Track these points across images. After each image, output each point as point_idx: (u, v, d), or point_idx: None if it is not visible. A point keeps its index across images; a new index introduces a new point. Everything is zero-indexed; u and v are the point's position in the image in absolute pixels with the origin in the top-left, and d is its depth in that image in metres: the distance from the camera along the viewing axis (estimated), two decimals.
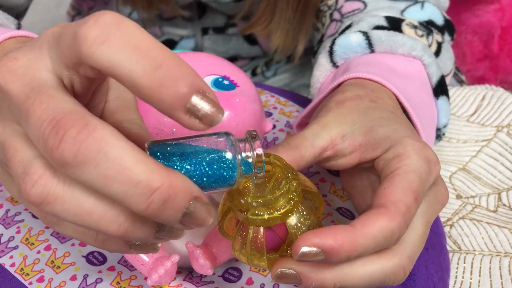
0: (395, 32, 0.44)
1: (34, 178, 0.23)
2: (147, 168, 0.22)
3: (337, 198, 0.42)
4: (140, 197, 0.22)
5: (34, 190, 0.23)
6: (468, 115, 0.55)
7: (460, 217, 0.46)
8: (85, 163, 0.21)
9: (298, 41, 0.61)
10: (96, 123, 0.22)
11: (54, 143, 0.22)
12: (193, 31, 0.69)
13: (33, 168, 0.23)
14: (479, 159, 0.51)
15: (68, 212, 0.23)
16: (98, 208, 0.23)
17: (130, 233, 0.24)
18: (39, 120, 0.22)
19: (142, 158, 0.22)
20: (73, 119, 0.22)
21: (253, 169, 0.27)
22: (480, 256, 0.43)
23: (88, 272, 0.37)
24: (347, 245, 0.27)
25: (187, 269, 0.37)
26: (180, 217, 0.23)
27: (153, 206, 0.22)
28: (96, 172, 0.22)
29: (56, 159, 0.22)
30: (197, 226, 0.24)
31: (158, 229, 0.25)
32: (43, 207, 0.23)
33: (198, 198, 0.23)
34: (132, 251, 0.26)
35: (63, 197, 0.23)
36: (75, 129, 0.22)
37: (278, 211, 0.28)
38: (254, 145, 0.27)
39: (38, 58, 0.24)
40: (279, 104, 0.51)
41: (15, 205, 0.42)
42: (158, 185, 0.22)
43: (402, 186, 0.30)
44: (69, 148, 0.21)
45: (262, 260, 0.29)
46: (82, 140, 0.21)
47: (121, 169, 0.22)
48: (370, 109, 0.36)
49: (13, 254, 0.38)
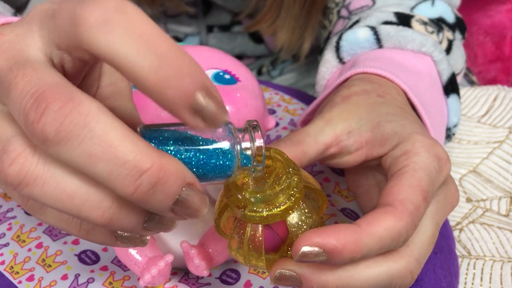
0: (404, 28, 0.43)
1: (12, 156, 0.21)
2: (136, 148, 0.20)
3: (341, 199, 0.40)
4: (127, 178, 0.20)
5: (11, 169, 0.21)
6: (479, 116, 0.54)
7: (470, 221, 0.45)
8: (68, 140, 0.20)
9: (304, 39, 0.60)
10: (82, 97, 0.20)
11: (35, 117, 0.20)
12: (198, 28, 0.68)
13: (12, 145, 0.21)
14: (490, 161, 0.50)
15: (48, 195, 0.21)
16: (80, 191, 0.21)
17: (116, 221, 0.22)
18: (21, 93, 0.20)
19: (131, 137, 0.20)
20: (57, 92, 0.20)
21: (252, 161, 0.25)
22: (490, 262, 0.41)
23: (80, 271, 0.35)
24: (350, 245, 0.25)
25: (183, 270, 0.35)
26: (171, 205, 0.21)
27: (141, 189, 0.20)
28: (80, 149, 0.20)
29: (36, 134, 0.20)
30: (189, 216, 0.22)
31: (147, 218, 0.23)
32: (21, 189, 0.21)
33: (191, 185, 0.22)
34: (118, 244, 0.24)
35: (42, 178, 0.21)
36: (58, 102, 0.20)
37: (277, 207, 0.26)
38: (254, 136, 0.25)
39: (25, 34, 0.23)
40: (283, 101, 0.50)
41: (7, 201, 0.41)
42: (148, 166, 0.20)
43: (411, 184, 0.28)
44: (51, 122, 0.20)
45: (260, 261, 0.28)
46: (65, 114, 0.20)
47: (107, 146, 0.20)
48: (377, 104, 0.35)
49: (3, 252, 0.37)
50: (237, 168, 0.25)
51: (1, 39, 0.23)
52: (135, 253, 0.32)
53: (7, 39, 0.23)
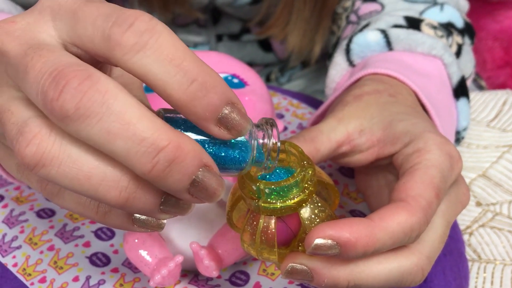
0: (414, 31, 0.43)
1: (28, 138, 0.21)
2: (153, 126, 0.21)
3: (350, 201, 0.40)
4: (145, 156, 0.20)
5: (28, 150, 0.21)
6: (489, 120, 0.54)
7: (480, 225, 0.45)
8: (87, 117, 0.20)
9: (315, 42, 0.60)
10: (99, 75, 0.21)
11: (54, 94, 0.20)
12: (207, 37, 0.68)
13: (28, 126, 0.22)
14: (500, 165, 0.49)
15: (65, 176, 0.21)
16: (97, 171, 0.22)
17: (132, 202, 0.22)
18: (38, 73, 0.21)
19: (149, 115, 0.21)
20: (75, 69, 0.21)
21: (266, 157, 0.25)
22: (501, 266, 0.41)
23: (91, 273, 0.36)
24: (364, 239, 0.26)
25: (192, 272, 0.36)
26: (188, 185, 0.22)
27: (158, 167, 0.21)
28: (99, 126, 0.20)
29: (56, 111, 0.20)
30: (206, 199, 0.22)
31: (163, 200, 0.23)
32: (38, 170, 0.21)
33: (208, 166, 0.22)
34: (135, 228, 0.24)
35: (59, 158, 0.21)
36: (77, 79, 0.20)
37: (291, 199, 0.27)
38: (271, 134, 0.25)
39: (37, 21, 0.23)
40: (292, 106, 0.50)
41: (20, 204, 0.41)
42: (165, 144, 0.21)
43: (423, 181, 0.28)
44: (70, 99, 0.20)
45: (273, 254, 0.28)
46: (84, 91, 0.20)
47: (125, 124, 0.20)
48: (389, 104, 0.35)
49: (16, 254, 0.38)
50: (250, 162, 0.25)
51: (13, 27, 0.23)
52: (145, 254, 0.33)
53: (19, 26, 0.23)
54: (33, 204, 0.41)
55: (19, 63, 0.22)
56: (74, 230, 0.39)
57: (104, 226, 0.39)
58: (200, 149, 0.22)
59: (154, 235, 0.34)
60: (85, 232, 0.39)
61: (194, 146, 0.21)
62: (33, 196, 0.42)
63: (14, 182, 0.36)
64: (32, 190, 0.42)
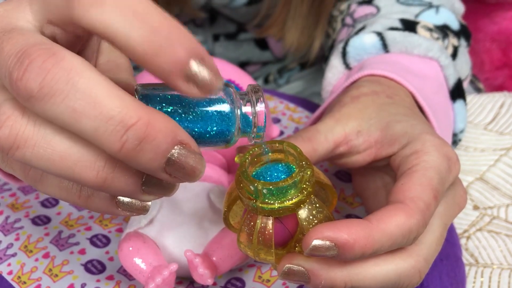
0: (410, 33, 0.43)
1: (1, 120, 0.21)
2: (121, 103, 0.20)
3: (346, 205, 0.40)
4: (113, 134, 0.20)
5: (1, 132, 0.21)
6: (486, 123, 0.53)
7: (478, 228, 0.44)
8: (52, 95, 0.20)
9: (314, 37, 0.59)
10: (65, 53, 0.20)
11: (18, 74, 0.20)
12: (204, 37, 0.68)
13: (1, 109, 0.21)
14: (497, 169, 0.49)
15: (40, 157, 0.21)
16: (72, 151, 0.21)
17: (111, 183, 0.22)
18: (6, 55, 0.21)
19: (116, 92, 0.20)
20: (40, 48, 0.20)
21: (253, 126, 0.24)
22: (498, 270, 0.41)
23: (86, 280, 0.36)
24: (362, 240, 0.25)
25: (188, 279, 0.36)
26: (163, 164, 0.21)
27: (127, 145, 0.20)
28: (64, 105, 0.20)
29: (21, 91, 0.20)
30: (186, 179, 0.22)
31: (144, 180, 0.22)
32: (13, 153, 0.21)
33: (184, 144, 0.21)
34: (119, 211, 0.24)
35: (33, 139, 0.21)
36: (41, 58, 0.20)
37: (289, 200, 0.26)
38: (255, 100, 0.24)
39: (15, 8, 0.23)
40: (288, 110, 0.50)
41: (15, 211, 0.41)
42: (133, 121, 0.20)
43: (421, 182, 0.28)
44: (34, 78, 0.20)
45: (270, 254, 0.27)
46: (48, 69, 0.20)
47: (91, 101, 0.20)
48: (386, 105, 0.35)
49: (11, 262, 0.37)
50: (237, 133, 0.24)
51: None
52: (140, 262, 0.33)
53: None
54: (29, 211, 0.41)
55: None
56: (69, 237, 0.39)
57: (99, 233, 0.39)
58: (174, 125, 0.21)
59: (149, 242, 0.34)
60: (81, 239, 0.38)
61: (167, 122, 0.21)
62: (29, 203, 0.42)
63: (3, 178, 0.36)
64: (28, 197, 0.42)
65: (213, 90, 0.21)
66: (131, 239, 0.33)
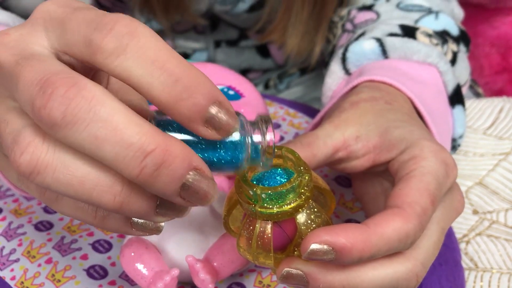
0: (409, 39, 0.43)
1: (23, 146, 0.22)
2: (140, 130, 0.21)
3: (346, 210, 0.40)
4: (132, 160, 0.21)
5: (23, 158, 0.22)
6: (485, 128, 0.54)
7: (477, 233, 0.45)
8: (74, 123, 0.21)
9: (315, 43, 0.60)
10: (86, 82, 0.21)
11: (42, 102, 0.21)
12: (205, 44, 0.68)
13: (22, 135, 0.22)
14: (496, 173, 0.49)
15: (59, 182, 0.22)
16: (91, 177, 0.22)
17: (127, 206, 0.22)
18: (27, 82, 0.21)
19: (135, 120, 0.21)
20: (62, 77, 0.21)
21: (262, 155, 0.25)
22: (498, 275, 0.41)
23: (89, 286, 0.36)
24: (359, 244, 0.26)
25: (189, 284, 0.36)
26: (178, 189, 0.22)
27: (145, 171, 0.21)
28: (86, 133, 0.21)
29: (44, 119, 0.21)
30: (199, 203, 0.22)
31: (158, 203, 0.23)
32: (33, 178, 0.22)
33: (199, 169, 0.22)
34: (133, 231, 0.25)
35: (53, 165, 0.22)
36: (63, 87, 0.21)
37: (288, 205, 0.27)
38: (265, 131, 0.25)
39: (30, 33, 0.24)
40: (288, 115, 0.50)
41: (18, 217, 0.41)
42: (152, 147, 0.21)
43: (419, 187, 0.29)
44: (57, 106, 0.20)
45: (269, 258, 0.28)
46: (71, 98, 0.20)
47: (112, 129, 0.21)
48: (385, 111, 0.35)
49: (14, 267, 0.38)
50: (246, 161, 0.25)
51: (7, 38, 0.24)
52: (141, 267, 0.33)
53: (12, 38, 0.24)
54: (31, 217, 0.41)
55: (11, 73, 0.22)
56: (71, 242, 0.39)
57: (101, 238, 0.39)
58: (189, 152, 0.22)
59: (150, 248, 0.34)
60: (83, 244, 0.39)
61: (183, 149, 0.21)
62: (31, 208, 0.42)
63: (16, 191, 0.37)
64: (30, 202, 0.42)
65: (230, 132, 0.23)
66: (133, 245, 0.34)
